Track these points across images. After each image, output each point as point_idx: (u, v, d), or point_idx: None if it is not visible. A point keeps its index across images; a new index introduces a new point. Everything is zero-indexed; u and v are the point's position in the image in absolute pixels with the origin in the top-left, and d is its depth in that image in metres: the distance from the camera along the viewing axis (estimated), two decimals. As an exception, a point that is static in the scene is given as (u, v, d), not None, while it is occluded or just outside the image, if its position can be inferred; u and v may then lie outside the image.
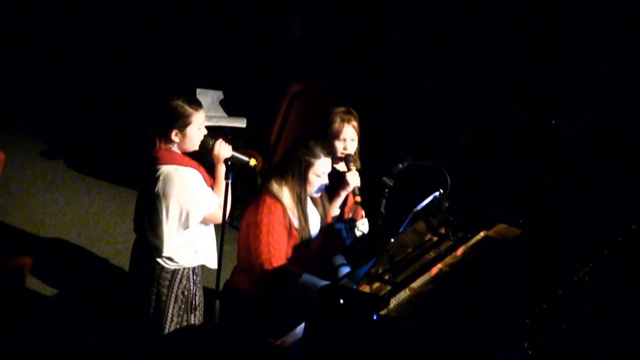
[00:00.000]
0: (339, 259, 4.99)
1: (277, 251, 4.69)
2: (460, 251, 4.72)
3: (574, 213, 5.53)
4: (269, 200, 4.73)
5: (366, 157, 5.25)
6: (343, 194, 5.03)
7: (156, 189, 4.42)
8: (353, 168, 5.03)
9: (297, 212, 4.77)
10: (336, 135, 5.07)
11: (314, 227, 4.88)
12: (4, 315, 4.79)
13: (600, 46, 6.60)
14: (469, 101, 7.20)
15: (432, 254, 4.63)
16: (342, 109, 5.14)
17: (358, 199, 4.97)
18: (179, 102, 4.45)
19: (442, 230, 4.77)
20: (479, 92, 7.16)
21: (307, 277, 4.70)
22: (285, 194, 4.76)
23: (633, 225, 4.81)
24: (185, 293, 4.61)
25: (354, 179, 4.98)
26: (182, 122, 4.44)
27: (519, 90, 6.97)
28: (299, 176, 4.76)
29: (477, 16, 7.21)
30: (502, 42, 7.06)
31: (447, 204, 4.73)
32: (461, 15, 7.29)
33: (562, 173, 6.34)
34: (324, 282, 4.60)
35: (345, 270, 4.85)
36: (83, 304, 5.78)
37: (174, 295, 4.58)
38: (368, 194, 5.13)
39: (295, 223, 4.77)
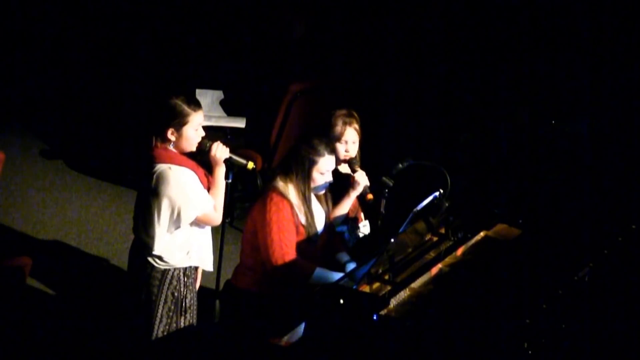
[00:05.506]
0: (344, 256, 5.00)
1: (289, 247, 4.72)
2: (460, 251, 4.72)
3: (574, 213, 5.53)
4: (276, 197, 4.75)
5: (366, 157, 5.25)
6: (353, 194, 5.04)
7: (150, 187, 4.43)
8: (358, 168, 5.04)
9: (303, 209, 4.80)
10: (338, 138, 5.09)
11: (320, 224, 4.90)
12: (3, 316, 4.79)
13: (600, 46, 6.60)
14: (469, 101, 7.20)
15: (432, 254, 4.63)
16: (343, 111, 5.15)
17: (370, 196, 4.99)
18: (178, 101, 4.45)
19: (442, 230, 4.77)
20: (479, 92, 7.16)
21: (320, 272, 4.73)
22: (291, 191, 4.78)
23: (633, 225, 4.80)
24: (176, 294, 4.59)
25: (362, 178, 5.01)
26: (178, 121, 4.44)
27: (519, 90, 6.96)
28: (303, 174, 4.78)
29: (477, 16, 7.20)
30: (502, 42, 7.06)
31: (447, 204, 4.73)
32: (461, 15, 7.28)
33: (562, 173, 6.33)
34: (338, 275, 4.62)
35: (352, 266, 4.87)
36: (83, 304, 5.78)
37: (163, 295, 4.56)
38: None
39: (302, 220, 4.80)
